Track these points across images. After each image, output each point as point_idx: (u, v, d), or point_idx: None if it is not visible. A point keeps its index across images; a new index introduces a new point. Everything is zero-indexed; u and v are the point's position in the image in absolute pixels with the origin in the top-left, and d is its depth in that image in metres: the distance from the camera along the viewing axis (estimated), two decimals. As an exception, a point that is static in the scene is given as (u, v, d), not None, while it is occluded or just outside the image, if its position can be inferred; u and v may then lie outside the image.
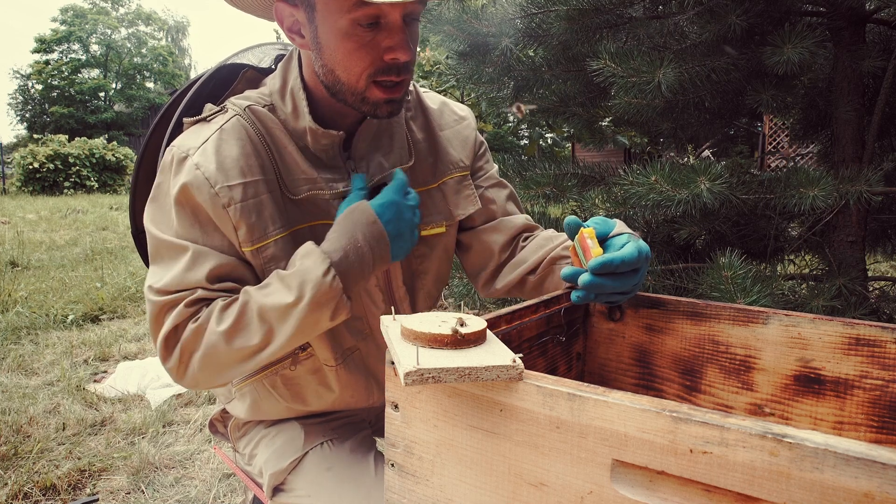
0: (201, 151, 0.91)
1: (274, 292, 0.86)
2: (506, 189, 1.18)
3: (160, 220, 0.93)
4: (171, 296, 0.89)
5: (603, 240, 0.83)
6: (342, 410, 1.12)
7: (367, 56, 0.89)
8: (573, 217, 0.85)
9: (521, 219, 1.15)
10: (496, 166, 1.21)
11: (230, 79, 1.08)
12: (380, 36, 0.88)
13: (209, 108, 1.00)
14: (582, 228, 0.81)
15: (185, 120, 1.00)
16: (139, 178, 1.09)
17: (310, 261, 0.86)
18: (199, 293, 0.89)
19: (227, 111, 0.96)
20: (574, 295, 0.82)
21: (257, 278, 0.93)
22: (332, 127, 0.98)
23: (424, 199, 1.08)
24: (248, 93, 1.00)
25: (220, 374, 0.90)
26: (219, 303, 0.88)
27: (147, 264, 1.15)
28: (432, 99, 1.15)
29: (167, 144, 1.02)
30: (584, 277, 0.79)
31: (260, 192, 0.91)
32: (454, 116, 1.15)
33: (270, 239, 0.92)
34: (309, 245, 0.88)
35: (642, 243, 0.81)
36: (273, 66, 1.12)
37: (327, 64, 0.92)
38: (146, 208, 0.96)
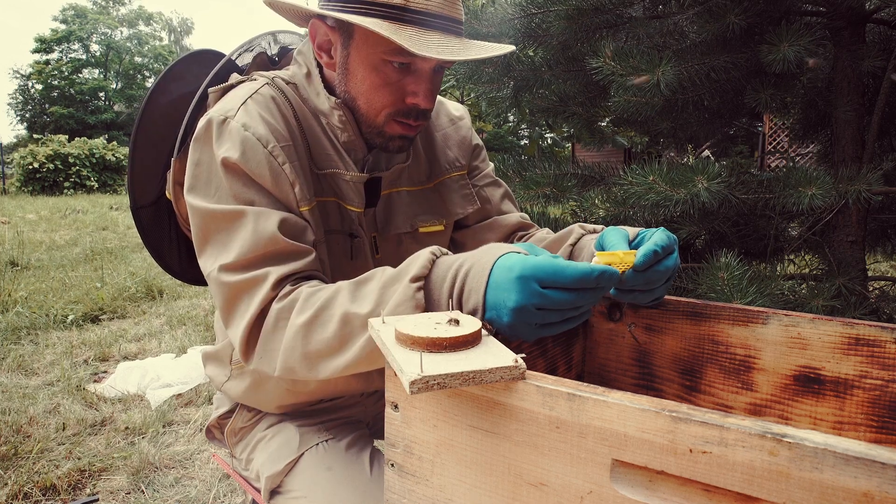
0: (243, 112, 0.89)
1: (367, 293, 0.76)
2: (501, 188, 1.19)
3: (207, 193, 0.87)
4: (250, 273, 0.82)
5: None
6: (342, 399, 1.12)
7: (390, 95, 0.92)
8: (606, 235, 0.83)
9: (515, 217, 1.16)
10: (492, 165, 1.22)
11: (231, 67, 1.10)
12: (407, 79, 0.91)
13: (235, 77, 1.01)
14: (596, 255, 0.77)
15: (210, 90, 1.00)
16: (137, 145, 1.07)
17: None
18: (286, 268, 0.82)
19: (255, 80, 0.97)
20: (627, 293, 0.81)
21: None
22: None
23: (420, 199, 1.09)
24: (268, 72, 1.01)
25: (296, 374, 0.81)
26: (304, 290, 0.80)
27: (147, 244, 1.14)
28: None
29: (190, 119, 1.02)
30: (631, 275, 0.76)
31: (294, 158, 0.91)
32: (450, 117, 1.17)
33: (314, 203, 0.93)
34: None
35: (665, 230, 0.82)
36: (276, 57, 1.15)
37: (350, 91, 0.94)
38: (187, 194, 0.90)
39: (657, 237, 0.78)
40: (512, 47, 0.94)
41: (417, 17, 0.86)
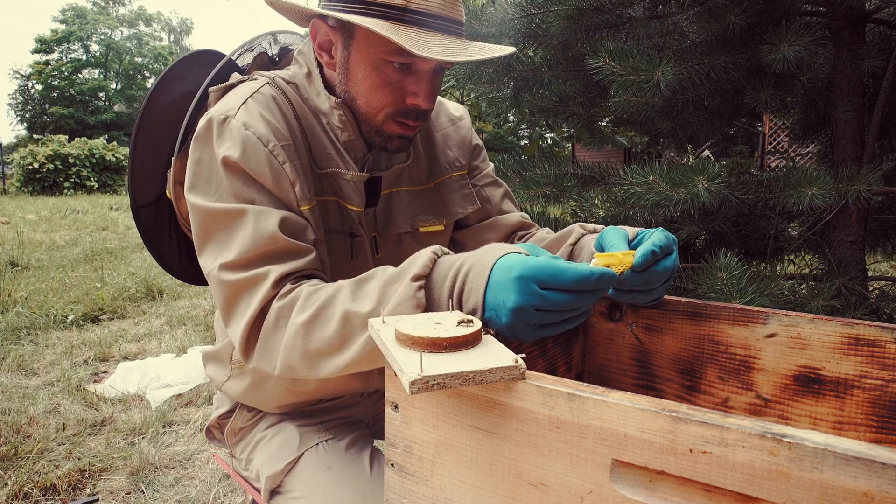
0: (244, 111, 0.89)
1: (367, 292, 0.76)
2: (501, 188, 1.19)
3: (207, 192, 0.87)
4: (250, 271, 0.82)
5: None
6: (342, 399, 1.12)
7: (390, 94, 0.92)
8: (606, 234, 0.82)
9: (515, 216, 1.16)
10: (492, 165, 1.22)
11: (231, 67, 1.10)
12: (407, 80, 0.92)
13: (236, 76, 1.01)
14: (596, 255, 0.77)
15: (210, 89, 1.00)
16: (137, 144, 1.08)
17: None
18: (287, 266, 0.82)
19: (256, 79, 0.97)
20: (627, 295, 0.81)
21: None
22: None
23: (420, 199, 1.09)
24: (268, 72, 1.01)
25: (296, 373, 0.80)
26: (305, 288, 0.80)
27: (147, 243, 1.15)
28: None
29: (191, 119, 1.03)
30: (630, 275, 0.76)
31: (294, 157, 0.91)
32: (450, 117, 1.17)
33: (315, 202, 0.93)
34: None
35: (664, 230, 0.81)
36: (276, 57, 1.15)
37: (351, 91, 0.94)
38: (187, 193, 0.90)
39: (655, 237, 0.78)
40: (512, 49, 0.94)
41: (418, 17, 0.86)
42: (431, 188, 1.11)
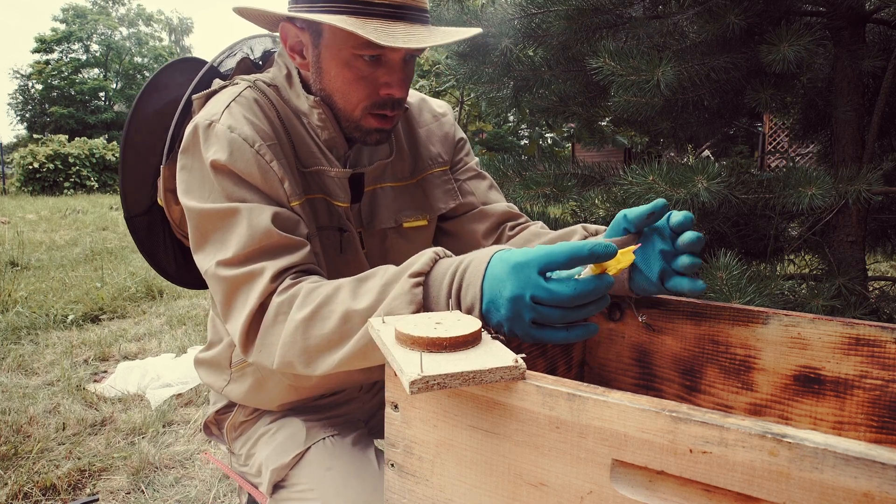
0: (227, 115, 0.91)
1: (368, 289, 0.77)
2: (485, 180, 1.21)
3: (201, 195, 0.89)
4: (247, 267, 0.83)
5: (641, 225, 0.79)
6: (339, 395, 1.13)
7: (364, 88, 0.93)
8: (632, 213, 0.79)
9: (502, 205, 1.18)
10: (476, 159, 1.24)
11: (214, 73, 1.11)
12: (379, 71, 0.93)
13: (218, 82, 1.02)
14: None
15: (194, 97, 1.01)
16: (126, 156, 1.09)
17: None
18: (283, 261, 0.83)
19: (238, 84, 0.99)
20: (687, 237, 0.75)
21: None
22: None
23: (404, 194, 1.11)
24: (249, 76, 1.02)
25: (294, 368, 0.81)
26: (305, 285, 0.81)
27: (143, 251, 1.15)
28: (411, 96, 1.18)
29: (177, 127, 1.04)
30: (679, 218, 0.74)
31: (281, 156, 0.92)
32: (433, 114, 1.19)
33: (304, 199, 0.94)
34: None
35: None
36: (259, 60, 1.16)
37: (326, 89, 0.96)
38: (181, 197, 0.91)
39: (685, 212, 0.76)
40: (478, 30, 0.95)
41: (382, 9, 0.88)
42: (415, 184, 1.13)
